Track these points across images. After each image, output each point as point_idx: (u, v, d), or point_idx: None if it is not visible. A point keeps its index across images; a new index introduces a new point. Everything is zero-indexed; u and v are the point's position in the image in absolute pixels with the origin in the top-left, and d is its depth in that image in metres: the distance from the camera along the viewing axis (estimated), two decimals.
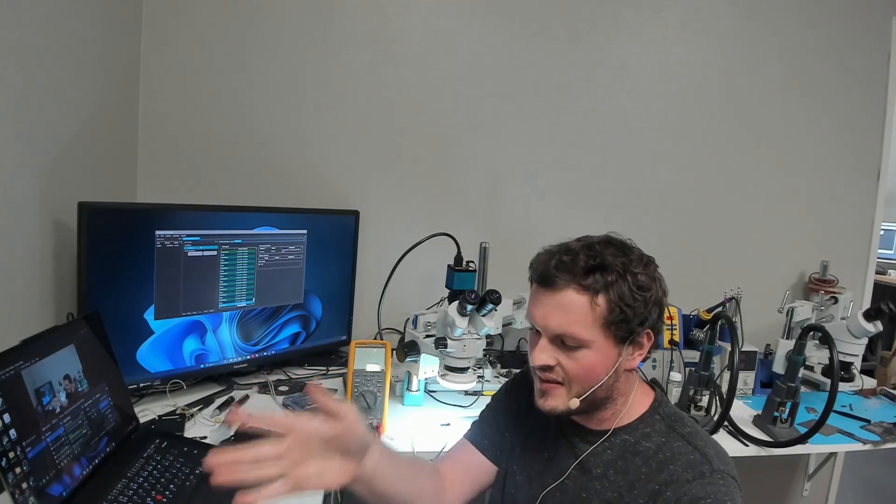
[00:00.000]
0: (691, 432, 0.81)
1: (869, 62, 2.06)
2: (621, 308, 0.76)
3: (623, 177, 1.96)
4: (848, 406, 1.59)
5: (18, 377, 0.78)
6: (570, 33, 1.88)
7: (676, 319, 1.63)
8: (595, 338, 0.77)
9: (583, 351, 0.78)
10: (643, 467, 0.79)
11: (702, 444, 0.78)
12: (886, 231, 4.15)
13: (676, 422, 0.83)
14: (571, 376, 0.79)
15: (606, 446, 0.84)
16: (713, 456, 0.77)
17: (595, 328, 0.76)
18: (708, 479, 0.73)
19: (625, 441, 0.83)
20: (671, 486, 0.74)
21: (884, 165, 2.10)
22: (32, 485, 0.75)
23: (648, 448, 0.80)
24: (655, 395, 0.88)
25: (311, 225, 1.56)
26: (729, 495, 0.72)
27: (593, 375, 0.79)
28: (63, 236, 1.22)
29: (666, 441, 0.80)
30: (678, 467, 0.76)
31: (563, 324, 0.77)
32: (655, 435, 0.82)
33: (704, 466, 0.75)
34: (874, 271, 2.18)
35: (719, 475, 0.74)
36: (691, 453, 0.77)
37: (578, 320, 0.76)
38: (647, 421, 0.84)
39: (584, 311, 0.76)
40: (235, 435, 1.17)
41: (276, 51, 1.71)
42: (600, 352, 0.78)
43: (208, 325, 1.38)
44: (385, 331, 1.72)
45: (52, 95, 1.18)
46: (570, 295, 0.77)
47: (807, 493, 2.18)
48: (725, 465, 0.76)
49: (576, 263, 0.77)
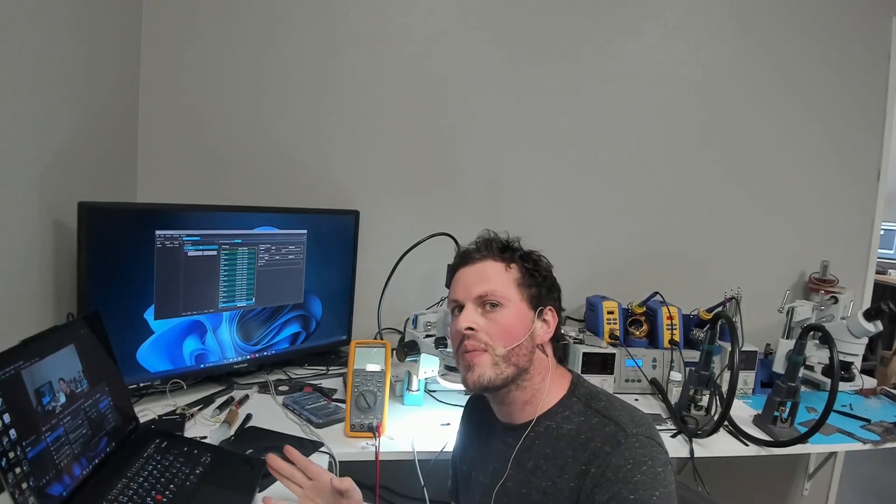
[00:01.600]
0: (606, 405, 0.85)
1: (869, 62, 2.05)
2: (531, 273, 0.91)
3: (623, 176, 1.96)
4: (848, 406, 1.59)
5: (18, 377, 0.78)
6: (570, 33, 1.88)
7: (676, 319, 1.63)
8: (512, 296, 0.89)
9: (502, 310, 0.88)
10: (568, 450, 0.82)
11: (616, 414, 0.82)
12: (886, 231, 4.15)
13: (592, 399, 0.87)
14: (493, 335, 0.87)
15: (534, 437, 0.87)
16: (627, 422, 0.80)
17: (511, 287, 0.89)
18: (624, 445, 0.77)
19: (548, 428, 0.87)
20: (594, 463, 0.78)
21: (884, 165, 2.10)
22: (32, 485, 0.75)
23: (570, 430, 0.84)
24: (572, 378, 0.92)
25: (311, 225, 1.56)
26: (647, 455, 0.76)
27: (512, 333, 0.87)
28: (63, 236, 1.22)
29: (584, 420, 0.84)
30: (598, 442, 0.79)
31: (485, 285, 0.89)
32: (574, 416, 0.86)
33: (619, 434, 0.78)
34: (874, 271, 2.18)
35: (634, 438, 0.78)
36: (607, 425, 0.81)
37: (497, 280, 0.89)
38: (566, 404, 0.88)
39: (501, 272, 0.90)
40: (236, 435, 1.17)
41: (276, 51, 1.71)
42: (518, 311, 0.88)
43: (208, 325, 1.38)
44: (385, 331, 1.72)
45: (52, 95, 1.18)
46: (487, 264, 0.92)
47: (807, 492, 2.18)
48: (639, 426, 0.80)
49: (491, 243, 0.94)
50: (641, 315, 1.68)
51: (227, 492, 0.94)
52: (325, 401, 1.36)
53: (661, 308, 1.64)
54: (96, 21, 1.37)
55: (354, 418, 1.20)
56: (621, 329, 1.64)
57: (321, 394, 1.41)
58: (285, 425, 1.23)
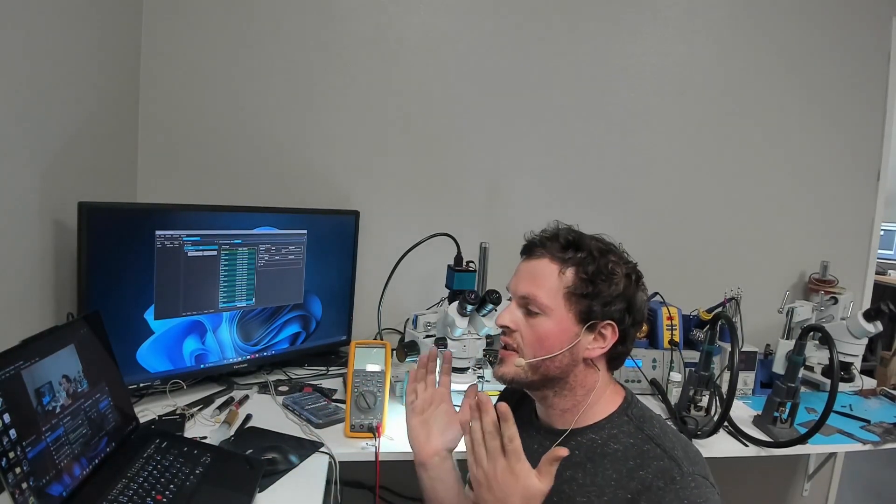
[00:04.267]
0: (660, 433, 0.80)
1: (869, 62, 2.05)
2: (585, 284, 0.81)
3: (623, 176, 1.96)
4: (848, 406, 1.59)
5: (18, 377, 0.78)
6: (570, 33, 1.88)
7: (676, 319, 1.63)
8: (556, 307, 0.81)
9: (541, 318, 0.82)
10: (613, 472, 0.78)
11: (670, 447, 0.77)
12: (886, 231, 4.15)
13: (645, 422, 0.82)
14: (526, 342, 0.83)
15: (574, 447, 0.82)
16: (682, 458, 0.76)
17: (558, 297, 0.82)
18: (679, 485, 0.72)
19: (592, 441, 0.82)
20: (644, 496, 0.73)
21: (884, 165, 2.10)
22: (32, 485, 0.75)
23: (617, 450, 0.80)
24: (625, 396, 0.87)
25: (311, 225, 1.56)
26: (702, 497, 0.71)
27: (546, 344, 0.82)
28: (63, 236, 1.22)
29: (634, 443, 0.79)
30: (648, 474, 0.75)
31: (530, 288, 0.83)
32: (623, 436, 0.81)
33: (675, 471, 0.74)
34: (874, 271, 2.18)
35: (690, 478, 0.73)
36: (660, 458, 0.76)
37: (544, 286, 0.82)
38: (615, 422, 0.83)
39: (552, 278, 0.82)
40: (235, 435, 1.17)
41: (276, 51, 1.71)
42: (558, 323, 0.82)
43: (208, 326, 1.38)
44: (385, 331, 1.72)
45: (52, 95, 1.18)
46: (543, 263, 0.84)
47: (807, 493, 2.18)
48: (695, 465, 0.75)
49: (556, 238, 0.85)
50: None
51: (227, 492, 0.94)
52: (325, 401, 1.36)
53: (661, 308, 1.64)
54: (96, 21, 1.37)
55: (354, 418, 1.20)
56: None
57: (321, 394, 1.41)
58: (285, 425, 1.23)
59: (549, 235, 0.85)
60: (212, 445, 1.08)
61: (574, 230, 0.87)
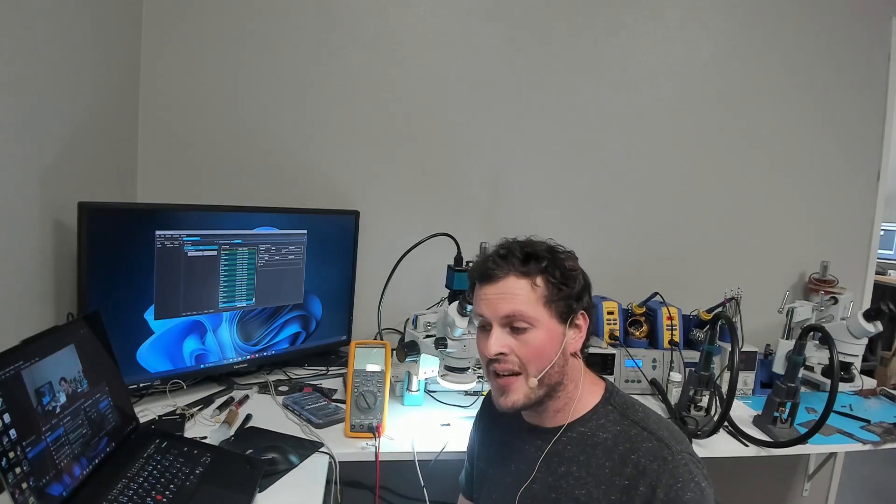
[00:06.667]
0: (644, 417, 0.84)
1: (869, 62, 2.05)
2: (558, 286, 0.85)
3: (623, 176, 1.96)
4: (848, 406, 1.59)
5: (18, 377, 0.78)
6: (570, 33, 1.88)
7: (676, 319, 1.63)
8: (541, 316, 0.84)
9: (532, 332, 0.84)
10: (606, 461, 0.81)
11: (656, 428, 0.82)
12: (886, 231, 4.15)
13: (628, 408, 0.86)
14: (525, 360, 0.84)
15: (566, 442, 0.86)
16: (668, 438, 0.80)
17: (539, 306, 0.84)
18: (672, 464, 0.77)
19: (582, 434, 0.86)
20: (642, 479, 0.77)
21: (884, 165, 2.10)
22: (32, 485, 0.75)
23: (606, 439, 0.83)
24: (606, 385, 0.91)
25: (311, 225, 1.56)
26: (691, 473, 0.76)
27: (544, 354, 0.84)
28: (63, 236, 1.22)
29: (622, 430, 0.83)
30: (640, 457, 0.79)
31: (512, 306, 0.83)
32: (610, 424, 0.85)
33: (664, 451, 0.78)
34: (874, 271, 2.18)
35: (680, 456, 0.78)
36: (648, 440, 0.80)
37: (524, 300, 0.83)
38: (601, 412, 0.87)
39: (527, 291, 0.84)
40: (235, 435, 1.17)
41: (276, 51, 1.71)
42: (548, 331, 0.84)
43: (208, 326, 1.38)
44: (385, 331, 1.72)
45: (51, 95, 1.18)
46: (511, 281, 0.85)
47: (807, 493, 2.18)
48: (681, 444, 0.80)
49: (512, 255, 0.86)
50: (641, 315, 1.68)
51: (227, 492, 0.94)
52: (325, 401, 1.36)
53: (661, 308, 1.64)
54: (96, 21, 1.37)
55: (354, 418, 1.20)
56: (621, 329, 1.64)
57: (321, 394, 1.41)
58: (285, 425, 1.23)
59: (503, 254, 0.86)
60: (212, 445, 1.08)
61: (519, 241, 0.89)
